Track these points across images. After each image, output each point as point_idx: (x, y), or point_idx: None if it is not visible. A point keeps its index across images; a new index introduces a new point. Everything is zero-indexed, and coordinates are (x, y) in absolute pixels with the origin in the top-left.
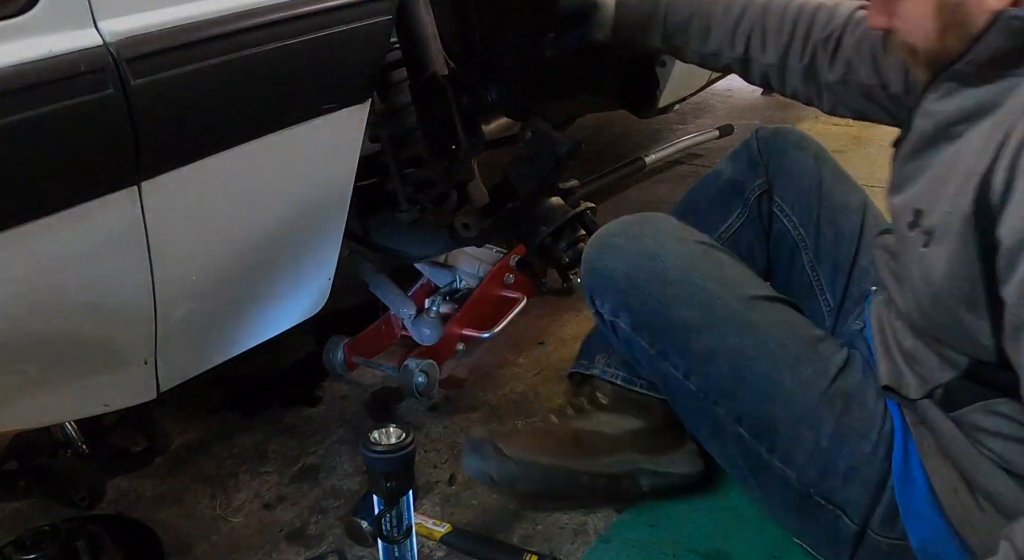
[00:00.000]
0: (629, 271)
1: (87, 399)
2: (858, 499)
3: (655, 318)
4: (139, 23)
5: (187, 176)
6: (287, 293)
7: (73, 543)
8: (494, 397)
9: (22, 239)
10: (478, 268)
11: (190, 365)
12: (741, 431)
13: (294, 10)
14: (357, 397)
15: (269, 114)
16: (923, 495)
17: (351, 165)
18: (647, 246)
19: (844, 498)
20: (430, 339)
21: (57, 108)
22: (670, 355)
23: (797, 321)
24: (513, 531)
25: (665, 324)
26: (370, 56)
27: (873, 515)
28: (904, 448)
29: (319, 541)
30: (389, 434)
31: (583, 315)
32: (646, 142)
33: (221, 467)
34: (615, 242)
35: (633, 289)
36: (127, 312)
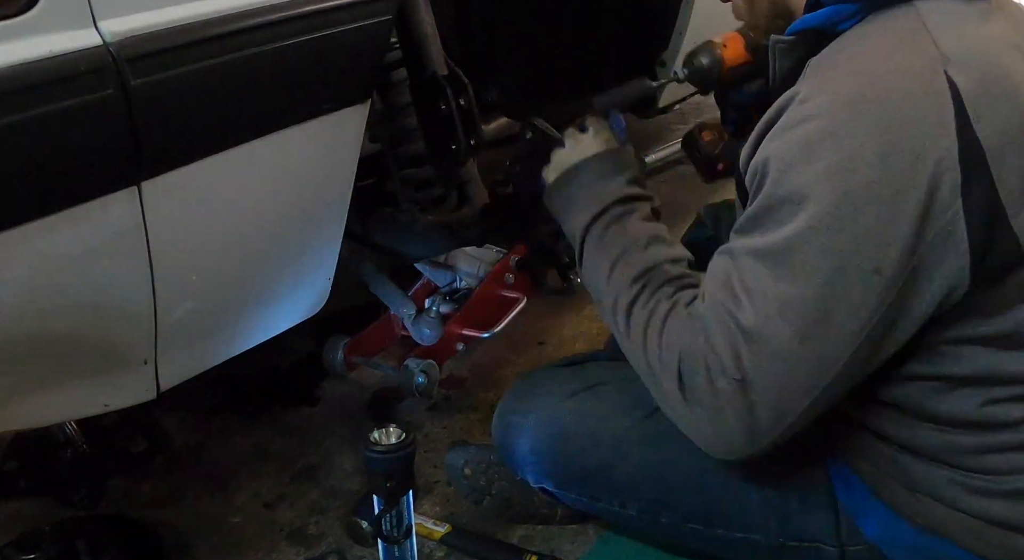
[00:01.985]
0: (533, 445)
1: (87, 399)
2: (824, 523)
3: (572, 474)
4: (139, 23)
5: (187, 176)
6: (287, 293)
7: (73, 543)
8: (494, 397)
9: (22, 239)
10: (478, 268)
11: (190, 365)
12: (694, 527)
13: (294, 10)
14: (357, 397)
15: (269, 114)
16: (860, 490)
17: (351, 165)
18: (540, 416)
19: (813, 529)
20: (430, 339)
21: (57, 108)
22: (601, 497)
23: None
24: (513, 531)
25: (583, 474)
26: (370, 56)
27: (841, 531)
28: (832, 456)
29: (319, 541)
30: (389, 434)
31: (583, 315)
32: (646, 142)
33: (221, 467)
34: (513, 420)
35: (542, 459)
36: (127, 312)
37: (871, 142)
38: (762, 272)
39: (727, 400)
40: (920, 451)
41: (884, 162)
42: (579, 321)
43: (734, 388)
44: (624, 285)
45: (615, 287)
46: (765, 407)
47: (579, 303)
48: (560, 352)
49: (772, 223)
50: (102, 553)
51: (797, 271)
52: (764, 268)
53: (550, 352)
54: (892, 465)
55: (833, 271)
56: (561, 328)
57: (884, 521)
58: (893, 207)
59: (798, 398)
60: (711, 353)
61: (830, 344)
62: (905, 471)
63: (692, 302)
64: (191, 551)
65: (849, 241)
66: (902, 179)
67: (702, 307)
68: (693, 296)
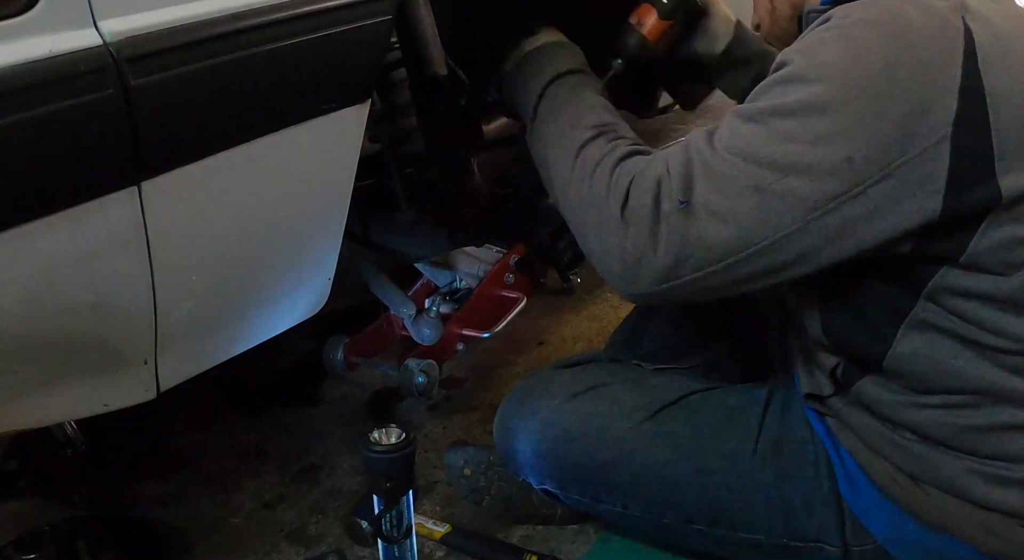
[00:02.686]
0: (535, 447)
1: (87, 399)
2: (827, 523)
3: (575, 474)
4: (139, 23)
5: (187, 176)
6: (287, 293)
7: (73, 543)
8: (494, 397)
9: (22, 239)
10: (478, 268)
11: (190, 365)
12: (697, 527)
13: (294, 10)
14: (357, 397)
15: (269, 114)
16: (868, 490)
17: (351, 165)
18: (542, 418)
19: (816, 530)
20: (430, 339)
21: (57, 108)
22: (603, 498)
23: (706, 404)
24: (513, 531)
25: (586, 475)
26: (370, 56)
27: (846, 530)
28: (838, 454)
29: (319, 541)
30: (389, 434)
31: (583, 315)
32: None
33: (221, 467)
34: (514, 424)
35: (545, 460)
36: (127, 312)
37: (880, 50)
38: (743, 128)
39: (668, 224)
40: (935, 436)
41: (887, 69)
42: (579, 321)
43: (675, 212)
44: (578, 133)
45: (568, 138)
46: (700, 244)
47: (579, 303)
48: (560, 352)
49: (764, 97)
50: (102, 553)
51: (776, 133)
52: (745, 126)
53: (550, 352)
54: (905, 456)
55: (806, 144)
56: (561, 328)
57: (891, 520)
58: (882, 108)
59: (726, 248)
60: (666, 175)
61: (779, 207)
62: (919, 462)
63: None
64: (191, 551)
65: (830, 124)
66: (899, 87)
67: (674, 149)
68: (648, 153)
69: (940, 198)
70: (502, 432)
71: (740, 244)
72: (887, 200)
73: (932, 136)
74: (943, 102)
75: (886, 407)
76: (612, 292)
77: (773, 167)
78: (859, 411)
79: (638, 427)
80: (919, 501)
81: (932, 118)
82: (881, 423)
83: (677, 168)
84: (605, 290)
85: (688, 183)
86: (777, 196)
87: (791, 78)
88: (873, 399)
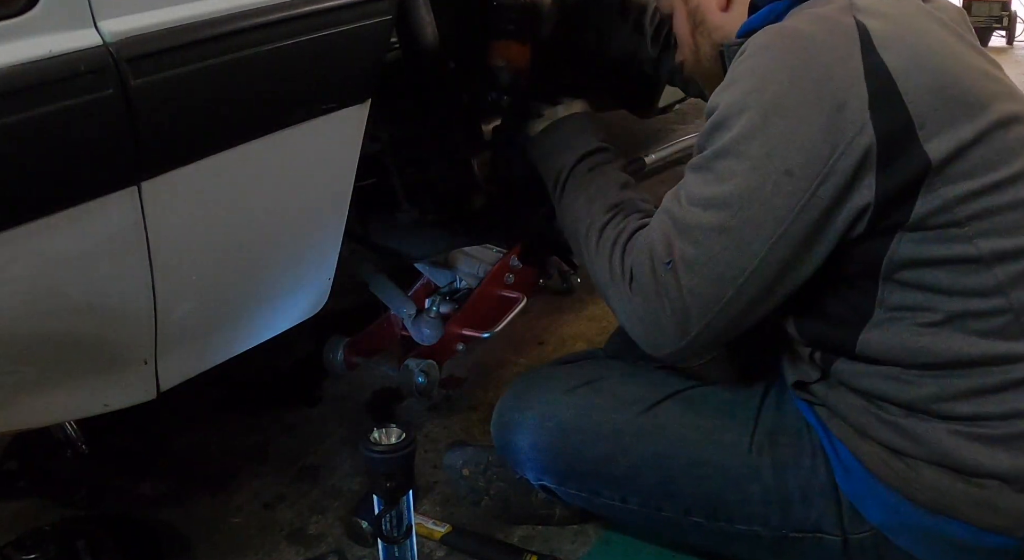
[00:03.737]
0: (533, 441)
1: (87, 399)
2: (825, 512)
3: (573, 468)
4: (139, 23)
5: (187, 176)
6: (287, 293)
7: (73, 543)
8: (494, 397)
9: (22, 239)
10: (478, 268)
11: (190, 365)
12: (696, 520)
13: (294, 10)
14: (357, 397)
15: (269, 114)
16: (861, 475)
17: (351, 165)
18: (540, 412)
19: (815, 519)
20: (430, 339)
21: (57, 108)
22: (601, 492)
23: (702, 397)
24: (513, 531)
25: (583, 469)
26: (370, 56)
27: (843, 519)
28: (831, 444)
29: (319, 541)
30: (389, 434)
31: (583, 315)
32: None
33: (221, 467)
34: (512, 418)
35: (542, 455)
36: (127, 312)
37: (782, 66)
38: (695, 180)
39: (664, 286)
40: (916, 406)
41: (793, 81)
42: (579, 321)
43: (668, 274)
44: (599, 211)
45: (591, 214)
46: (694, 294)
47: (579, 303)
48: (560, 352)
49: (707, 146)
50: (102, 553)
51: (720, 174)
52: (696, 177)
53: (550, 352)
54: (892, 433)
55: (749, 171)
56: (561, 328)
57: (887, 505)
58: (801, 117)
59: (723, 285)
60: (653, 244)
61: (747, 237)
62: (904, 435)
63: None
64: (191, 551)
65: (760, 146)
66: (809, 94)
67: (656, 216)
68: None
69: (874, 177)
70: (500, 427)
71: (725, 283)
72: (836, 195)
73: (855, 125)
74: (854, 92)
75: (865, 381)
76: None
77: (727, 205)
78: (844, 392)
79: (635, 420)
80: (912, 483)
81: (849, 110)
82: (865, 401)
83: (658, 233)
84: None
85: (668, 244)
86: (741, 229)
87: (719, 123)
88: (851, 376)
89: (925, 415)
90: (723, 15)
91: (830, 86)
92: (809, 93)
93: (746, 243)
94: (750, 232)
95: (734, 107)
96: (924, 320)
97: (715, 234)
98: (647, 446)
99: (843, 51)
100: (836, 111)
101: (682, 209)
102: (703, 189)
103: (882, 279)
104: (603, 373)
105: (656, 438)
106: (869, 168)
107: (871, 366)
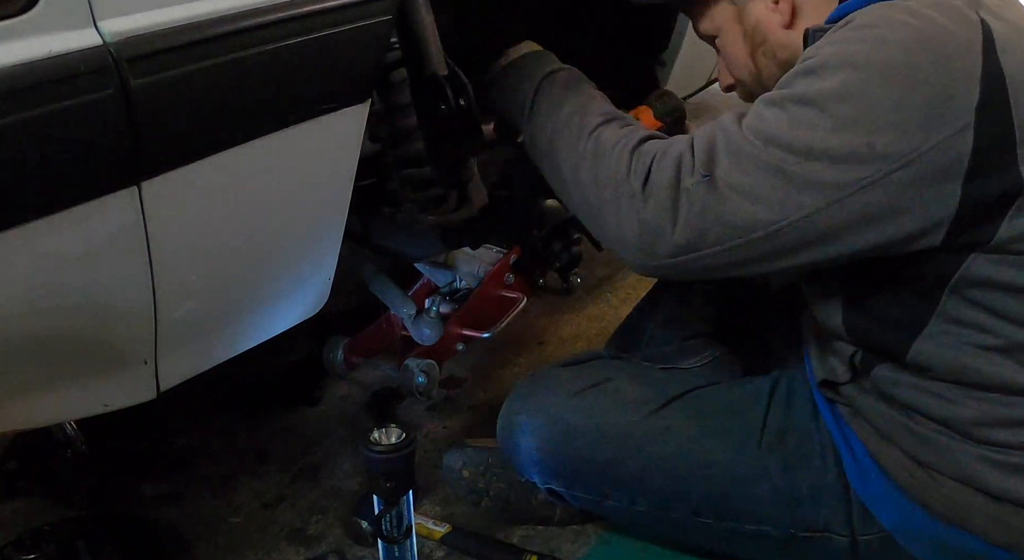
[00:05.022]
0: (540, 444)
1: (87, 399)
2: (835, 512)
3: (580, 471)
4: (139, 23)
5: (187, 176)
6: (287, 293)
7: (73, 543)
8: (494, 397)
9: (22, 239)
10: (478, 268)
11: (190, 365)
12: (704, 521)
13: (294, 10)
14: (357, 397)
15: (269, 114)
16: (879, 478)
17: (351, 165)
18: (548, 414)
19: (824, 519)
20: (430, 339)
21: (57, 108)
22: (610, 494)
23: (709, 397)
24: (513, 531)
25: (591, 471)
26: (370, 56)
27: (853, 519)
28: (847, 443)
29: (319, 541)
30: (389, 434)
31: (583, 315)
32: None
33: (221, 467)
34: (519, 420)
35: (550, 458)
36: (127, 312)
37: (901, 42)
38: (767, 114)
39: (689, 196)
40: (951, 424)
41: (908, 57)
42: (579, 321)
43: (700, 186)
44: (589, 117)
45: (578, 121)
46: (720, 219)
47: (579, 303)
48: (560, 352)
49: (789, 86)
50: (102, 553)
51: (796, 119)
52: (768, 111)
53: (550, 352)
54: (920, 444)
55: (826, 131)
56: (561, 328)
57: (901, 509)
58: (903, 95)
59: (746, 224)
60: (688, 152)
61: (800, 188)
62: (934, 449)
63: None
64: (191, 551)
65: (849, 111)
66: (921, 72)
67: (700, 129)
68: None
69: (959, 186)
70: (506, 430)
71: (761, 222)
72: (910, 188)
73: (956, 123)
74: (966, 89)
75: (904, 392)
76: (612, 292)
77: (794, 151)
78: (874, 398)
79: (643, 421)
80: (931, 491)
81: (955, 105)
82: (897, 411)
83: (702, 144)
84: (605, 290)
85: (711, 158)
86: (798, 178)
87: (814, 68)
88: (891, 384)
89: (959, 436)
90: (787, 32)
91: (945, 73)
92: (922, 71)
93: (798, 194)
94: (807, 186)
95: (835, 58)
96: (981, 342)
97: (769, 172)
98: (655, 448)
99: (965, 45)
100: (942, 102)
101: (741, 134)
102: (771, 126)
103: (948, 291)
104: (609, 375)
105: (664, 440)
106: (956, 175)
107: (915, 377)
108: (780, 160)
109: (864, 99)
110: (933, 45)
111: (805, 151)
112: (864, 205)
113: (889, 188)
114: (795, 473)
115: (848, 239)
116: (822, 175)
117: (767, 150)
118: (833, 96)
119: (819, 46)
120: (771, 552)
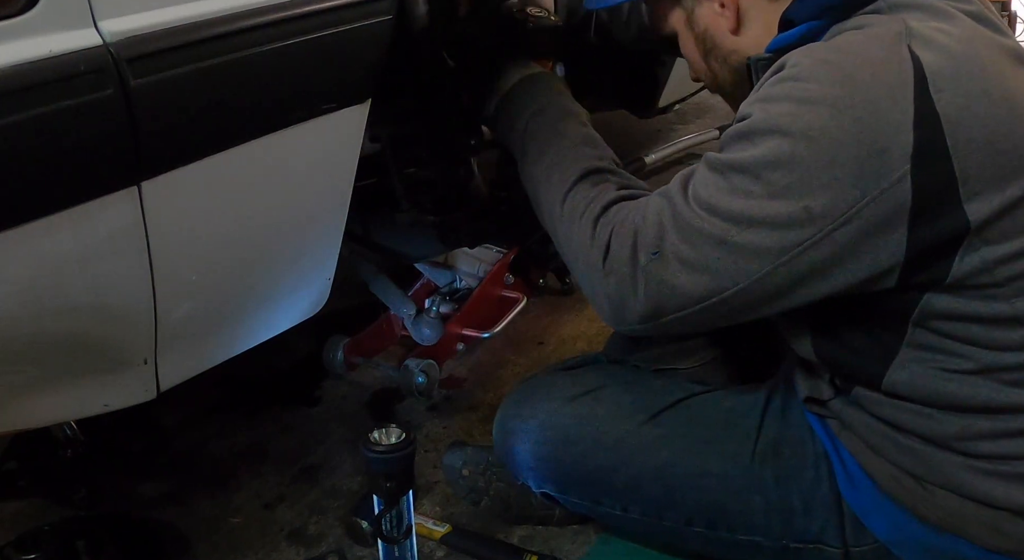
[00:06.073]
0: (534, 449)
1: (87, 399)
2: (827, 524)
3: (574, 477)
4: (139, 23)
5: (187, 176)
6: (287, 293)
7: (73, 543)
8: (494, 397)
9: (22, 239)
10: (478, 268)
11: (190, 365)
12: (697, 530)
13: (294, 10)
14: (357, 397)
15: (269, 114)
16: (870, 491)
17: (351, 165)
18: (541, 420)
19: (816, 531)
20: (430, 339)
21: (57, 108)
22: (603, 501)
23: (704, 407)
24: (513, 531)
25: (585, 478)
26: (370, 56)
27: (846, 531)
28: (838, 455)
29: (319, 541)
30: (389, 434)
31: (583, 315)
32: (646, 142)
33: (221, 467)
34: (513, 425)
35: (544, 463)
36: (127, 312)
37: (825, 95)
38: (707, 180)
39: (644, 273)
40: (936, 440)
41: (833, 114)
42: (579, 321)
43: (653, 263)
44: (566, 174)
45: (556, 180)
46: (674, 291)
47: (579, 303)
48: (560, 352)
49: (727, 149)
50: (102, 553)
51: (734, 187)
52: (709, 177)
53: (550, 352)
54: (909, 457)
55: (763, 199)
56: (561, 328)
57: (893, 520)
58: (834, 155)
59: (699, 294)
60: (643, 227)
61: (744, 256)
62: (923, 462)
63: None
64: (191, 551)
65: (783, 176)
66: (848, 132)
67: (652, 197)
68: (629, 195)
69: (904, 234)
70: (501, 435)
71: (713, 291)
72: (853, 242)
73: (892, 175)
74: (898, 139)
75: (886, 411)
76: None
77: (735, 220)
78: (861, 413)
79: (637, 430)
80: (923, 501)
81: (889, 157)
82: (884, 425)
83: (652, 218)
84: None
85: (660, 234)
86: (742, 247)
87: (747, 133)
88: (873, 403)
89: (945, 449)
90: (735, 38)
91: (875, 126)
92: (848, 130)
93: (743, 261)
94: (750, 253)
95: (765, 124)
96: (955, 366)
97: (713, 243)
98: (649, 457)
99: (894, 90)
100: (874, 156)
101: (686, 205)
102: (712, 194)
103: (912, 324)
104: (605, 381)
105: (658, 449)
106: (899, 224)
107: (894, 400)
108: (723, 231)
109: (795, 165)
110: (859, 98)
111: (746, 220)
112: (810, 263)
113: (833, 245)
114: (788, 485)
115: (801, 292)
116: (764, 241)
117: (711, 220)
118: (764, 164)
119: (751, 102)
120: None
